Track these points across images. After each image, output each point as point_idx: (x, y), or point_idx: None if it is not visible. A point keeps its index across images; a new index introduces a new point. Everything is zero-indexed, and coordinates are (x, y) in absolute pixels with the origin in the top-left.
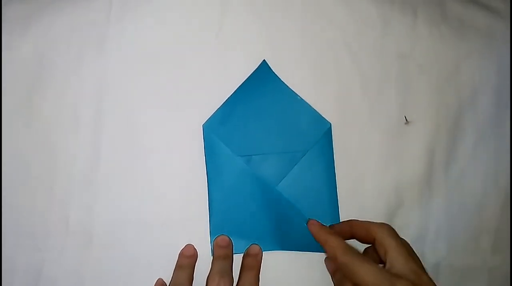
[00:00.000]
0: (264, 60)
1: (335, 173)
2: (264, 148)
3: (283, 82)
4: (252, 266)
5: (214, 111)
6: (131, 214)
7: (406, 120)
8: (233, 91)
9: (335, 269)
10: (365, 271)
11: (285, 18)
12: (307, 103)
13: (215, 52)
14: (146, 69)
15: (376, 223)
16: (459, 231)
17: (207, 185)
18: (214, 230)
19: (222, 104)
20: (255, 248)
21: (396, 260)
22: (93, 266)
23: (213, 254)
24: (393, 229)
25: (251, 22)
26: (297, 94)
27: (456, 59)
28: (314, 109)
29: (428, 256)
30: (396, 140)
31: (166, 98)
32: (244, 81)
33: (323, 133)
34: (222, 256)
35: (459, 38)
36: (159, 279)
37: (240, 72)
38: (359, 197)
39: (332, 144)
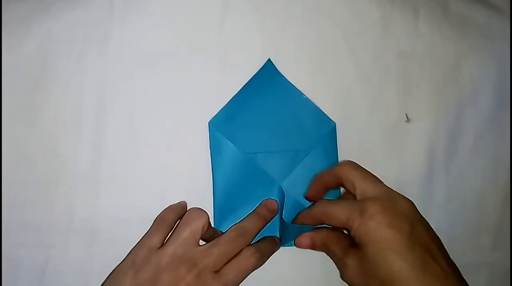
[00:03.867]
0: (269, 59)
1: None
2: (269, 146)
3: (288, 81)
4: (263, 215)
5: (218, 109)
6: (135, 211)
7: (407, 118)
8: (236, 89)
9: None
10: (335, 209)
11: (285, 17)
12: (312, 102)
13: (217, 50)
14: (148, 68)
15: (339, 163)
16: (460, 228)
17: (211, 182)
18: (218, 227)
19: (228, 102)
20: (273, 204)
21: (363, 187)
22: (97, 263)
23: None
24: (355, 163)
25: (252, 21)
26: (302, 93)
27: (457, 57)
28: (319, 109)
29: None
30: (396, 139)
31: (168, 97)
32: (250, 79)
33: (327, 133)
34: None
35: (460, 37)
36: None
37: (242, 70)
38: None
39: (336, 143)
